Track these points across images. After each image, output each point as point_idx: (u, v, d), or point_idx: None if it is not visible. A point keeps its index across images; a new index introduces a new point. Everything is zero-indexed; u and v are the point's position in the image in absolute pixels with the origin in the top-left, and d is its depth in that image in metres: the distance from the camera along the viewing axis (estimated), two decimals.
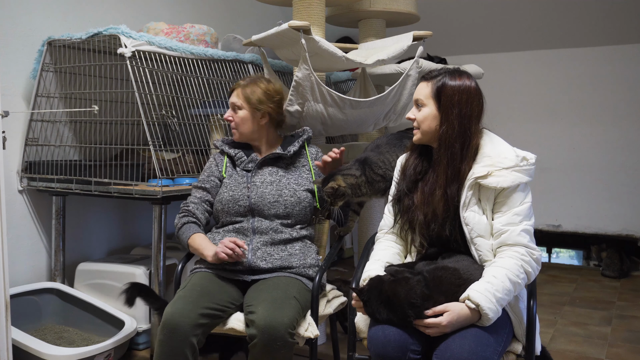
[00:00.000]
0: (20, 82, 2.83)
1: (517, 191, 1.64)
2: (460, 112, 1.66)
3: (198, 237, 2.03)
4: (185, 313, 1.77)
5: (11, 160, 2.80)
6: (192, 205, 2.12)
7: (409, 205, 1.76)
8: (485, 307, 1.49)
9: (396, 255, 1.81)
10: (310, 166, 2.19)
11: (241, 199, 2.07)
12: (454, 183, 1.67)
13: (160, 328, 1.78)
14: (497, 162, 1.64)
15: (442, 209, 1.68)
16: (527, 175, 1.64)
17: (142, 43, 2.66)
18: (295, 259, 2.01)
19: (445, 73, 1.72)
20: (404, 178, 1.81)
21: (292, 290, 1.89)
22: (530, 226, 1.64)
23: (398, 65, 3.03)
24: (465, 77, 1.71)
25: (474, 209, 1.65)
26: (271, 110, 2.16)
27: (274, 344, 1.72)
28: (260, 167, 2.15)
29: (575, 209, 4.64)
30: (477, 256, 1.65)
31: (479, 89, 1.72)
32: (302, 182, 2.13)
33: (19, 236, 2.83)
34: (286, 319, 1.75)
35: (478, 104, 1.70)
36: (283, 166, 2.16)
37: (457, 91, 1.68)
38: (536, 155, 1.68)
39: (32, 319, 2.63)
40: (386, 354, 1.52)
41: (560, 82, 4.66)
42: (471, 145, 1.68)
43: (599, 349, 2.81)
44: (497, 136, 1.75)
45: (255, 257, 1.98)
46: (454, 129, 1.66)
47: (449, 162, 1.68)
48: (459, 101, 1.67)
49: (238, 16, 4.22)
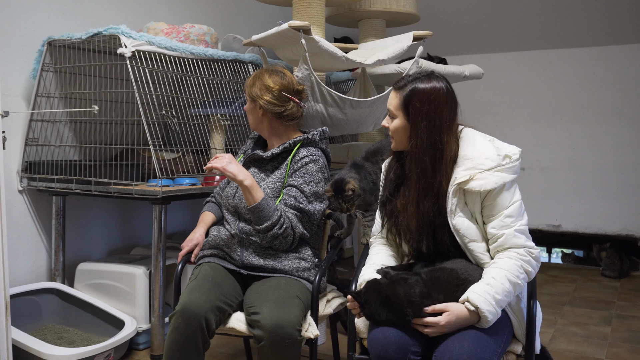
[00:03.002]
0: (20, 82, 2.83)
1: (503, 192, 1.60)
2: (429, 124, 1.61)
3: (204, 215, 2.19)
4: (200, 304, 1.81)
5: (11, 160, 2.80)
6: (217, 196, 2.24)
7: (392, 209, 1.74)
8: (485, 310, 1.48)
9: (390, 258, 1.80)
10: (286, 173, 2.06)
11: (230, 197, 2.10)
12: (427, 198, 1.63)
13: (175, 316, 1.81)
14: (479, 164, 1.60)
15: (415, 224, 1.66)
16: (511, 173, 1.60)
17: (142, 43, 2.66)
18: (289, 261, 2.00)
19: (415, 80, 1.66)
20: (387, 183, 1.80)
21: (294, 290, 1.90)
22: (524, 225, 1.62)
23: (398, 65, 3.03)
24: (434, 81, 1.64)
25: (461, 215, 1.62)
26: (264, 104, 2.07)
27: (283, 343, 1.72)
28: (247, 166, 2.13)
29: (575, 209, 4.63)
30: (474, 260, 1.64)
31: (450, 92, 1.66)
32: (277, 186, 2.06)
33: (19, 236, 2.83)
34: (292, 316, 1.77)
35: (449, 111, 1.64)
36: (266, 168, 2.11)
37: (425, 101, 1.62)
38: (520, 149, 1.63)
39: (32, 319, 2.63)
40: (386, 355, 1.51)
41: (560, 82, 4.66)
42: (444, 157, 1.63)
43: (599, 349, 2.81)
44: (478, 134, 1.69)
45: (247, 253, 2.00)
46: (422, 142, 1.62)
47: (419, 176, 1.64)
48: (427, 112, 1.61)
49: (238, 16, 4.22)
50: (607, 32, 4.39)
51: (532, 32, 4.62)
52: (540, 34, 4.60)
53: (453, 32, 4.72)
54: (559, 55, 4.65)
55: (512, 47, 4.79)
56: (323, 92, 2.37)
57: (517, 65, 4.80)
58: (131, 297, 2.70)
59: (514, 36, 4.70)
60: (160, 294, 2.57)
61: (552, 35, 4.58)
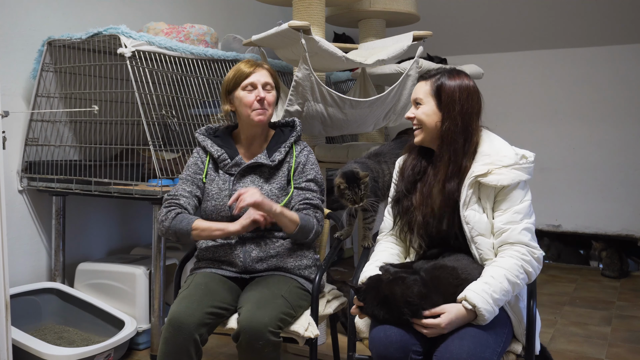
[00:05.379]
0: (20, 82, 2.84)
1: (517, 189, 1.64)
2: (462, 108, 1.68)
3: (201, 222, 1.94)
4: (190, 312, 1.78)
5: (11, 160, 2.80)
6: (183, 199, 1.99)
7: (408, 206, 1.76)
8: (482, 309, 1.49)
9: (395, 256, 1.81)
10: (292, 166, 2.05)
11: (222, 209, 1.99)
12: (454, 179, 1.68)
13: (165, 326, 1.79)
14: (497, 160, 1.65)
15: (439, 204, 1.69)
16: (526, 173, 1.65)
17: (142, 43, 2.66)
18: (291, 259, 2.00)
19: (444, 72, 1.73)
20: (402, 179, 1.81)
21: (281, 289, 1.88)
22: (531, 224, 1.64)
23: (398, 65, 3.03)
24: (463, 76, 1.72)
25: (474, 207, 1.65)
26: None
27: (256, 343, 1.72)
28: (243, 174, 2.05)
29: (575, 209, 4.63)
30: (478, 255, 1.64)
31: (477, 88, 1.74)
32: (284, 185, 2.05)
33: (19, 236, 2.83)
34: (266, 318, 1.74)
35: (478, 102, 1.71)
36: (266, 174, 2.05)
37: (457, 89, 1.69)
38: (535, 154, 1.69)
39: (32, 319, 2.63)
40: (388, 355, 1.52)
41: (560, 82, 4.66)
42: (472, 142, 1.69)
43: (599, 349, 2.81)
44: (495, 135, 1.75)
45: (250, 259, 1.97)
46: (457, 125, 1.67)
47: (451, 157, 1.68)
48: (459, 98, 1.68)
49: (238, 16, 4.22)
50: (607, 32, 4.39)
51: (532, 32, 4.62)
52: (540, 34, 4.61)
53: (453, 32, 4.72)
54: (559, 55, 4.65)
55: (512, 47, 4.79)
56: (323, 92, 2.37)
57: (517, 65, 4.80)
58: (131, 297, 2.70)
59: (514, 36, 4.70)
60: (160, 294, 2.58)
61: (552, 35, 4.58)
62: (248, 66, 2.05)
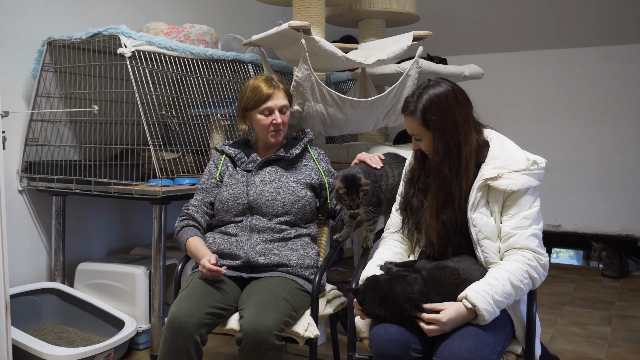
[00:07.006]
0: (20, 82, 2.84)
1: (526, 194, 1.63)
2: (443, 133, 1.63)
3: (194, 241, 2.03)
4: (190, 312, 1.79)
5: (11, 160, 2.80)
6: (192, 208, 2.13)
7: (418, 206, 1.76)
8: (482, 309, 1.49)
9: (398, 256, 1.81)
10: (317, 167, 2.18)
11: (240, 197, 2.07)
12: (447, 208, 1.66)
13: (165, 327, 1.80)
14: (508, 165, 1.63)
15: (436, 235, 1.67)
16: (536, 179, 1.63)
17: (142, 43, 2.66)
18: (293, 257, 2.01)
19: (419, 98, 1.67)
20: (412, 180, 1.81)
21: (282, 291, 1.88)
22: (539, 230, 1.63)
23: (398, 65, 3.03)
24: (437, 87, 1.66)
25: (482, 210, 1.64)
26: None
27: (260, 348, 1.72)
28: (260, 167, 2.15)
29: (575, 209, 4.63)
30: (483, 258, 1.64)
31: (456, 90, 1.67)
32: (302, 179, 2.12)
33: (19, 236, 2.83)
34: (271, 321, 1.75)
35: (461, 109, 1.66)
36: (283, 166, 2.16)
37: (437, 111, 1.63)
38: (546, 160, 1.67)
39: (32, 319, 2.63)
40: (388, 353, 1.52)
41: (560, 82, 4.66)
42: (462, 157, 1.64)
43: (599, 349, 2.81)
44: (507, 138, 1.72)
45: (254, 252, 1.99)
46: (439, 154, 1.64)
47: (439, 187, 1.66)
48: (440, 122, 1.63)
49: (238, 16, 4.22)
50: (607, 32, 4.39)
51: (532, 32, 4.62)
52: (540, 34, 4.60)
53: (453, 32, 4.72)
54: (559, 55, 4.65)
55: (512, 47, 4.79)
56: (323, 92, 2.37)
57: (517, 65, 4.80)
58: (131, 297, 2.70)
59: (514, 36, 4.69)
60: (160, 294, 2.58)
61: (552, 35, 4.58)
62: (267, 87, 2.12)
